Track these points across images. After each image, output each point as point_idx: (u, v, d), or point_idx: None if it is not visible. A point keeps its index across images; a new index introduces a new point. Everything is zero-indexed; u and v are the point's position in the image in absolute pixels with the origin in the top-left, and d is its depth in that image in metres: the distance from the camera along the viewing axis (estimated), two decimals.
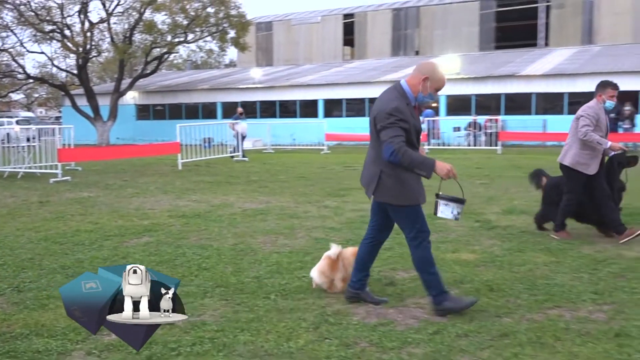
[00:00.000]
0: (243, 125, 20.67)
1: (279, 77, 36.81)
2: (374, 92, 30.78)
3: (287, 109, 33.25)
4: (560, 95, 26.94)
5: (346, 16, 44.65)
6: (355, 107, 31.63)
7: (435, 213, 4.56)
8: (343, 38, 44.76)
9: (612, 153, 6.48)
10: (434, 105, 27.13)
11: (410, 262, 5.51)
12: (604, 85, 6.44)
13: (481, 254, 5.89)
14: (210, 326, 3.99)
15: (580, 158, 6.32)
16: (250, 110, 33.25)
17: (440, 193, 4.51)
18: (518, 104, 27.87)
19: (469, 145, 25.61)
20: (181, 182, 13.01)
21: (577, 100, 26.52)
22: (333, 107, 32.14)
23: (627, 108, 21.33)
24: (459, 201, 4.53)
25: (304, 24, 46.06)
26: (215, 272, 5.35)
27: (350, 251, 4.82)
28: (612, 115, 21.01)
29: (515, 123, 26.65)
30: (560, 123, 25.64)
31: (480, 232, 7.01)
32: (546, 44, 37.97)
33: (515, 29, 39.28)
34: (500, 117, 27.01)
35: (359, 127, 29.05)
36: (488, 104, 28.35)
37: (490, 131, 25.31)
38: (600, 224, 6.69)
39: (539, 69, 28.56)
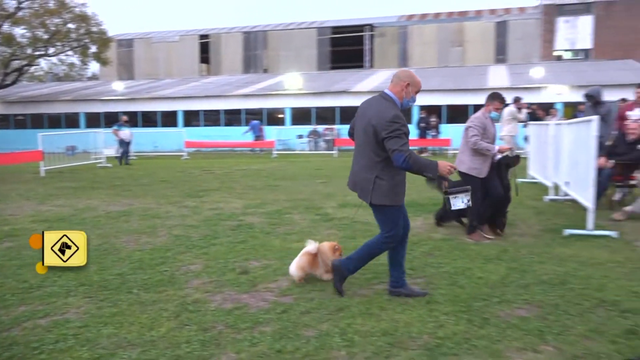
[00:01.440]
0: (127, 132, 19.47)
1: (140, 89, 35.06)
2: (228, 104, 30.54)
3: (149, 119, 31.78)
4: None
5: (202, 36, 43.81)
6: (212, 118, 31.05)
7: (450, 208, 4.60)
8: (200, 56, 43.85)
9: (499, 155, 6.32)
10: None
11: (260, 252, 5.58)
12: (492, 98, 6.25)
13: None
14: (74, 323, 3.69)
15: (472, 164, 6.09)
16: (114, 119, 31.33)
17: (447, 189, 4.58)
18: (350, 115, 28.91)
19: (310, 150, 26.27)
20: (44, 188, 11.88)
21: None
22: (192, 118, 31.29)
23: (433, 119, 23.08)
24: (465, 190, 4.60)
25: (163, 42, 44.43)
26: (79, 272, 4.92)
27: (328, 245, 4.58)
28: (422, 124, 22.69)
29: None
30: None
31: (320, 224, 7.18)
32: (371, 66, 40.09)
33: (346, 52, 41.03)
34: (336, 126, 28.04)
35: (216, 135, 28.65)
36: (326, 115, 29.27)
37: (328, 138, 26.19)
38: (491, 221, 6.46)
39: (366, 86, 30.02)
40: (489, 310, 3.83)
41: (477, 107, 28.78)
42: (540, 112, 18.07)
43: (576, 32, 36.23)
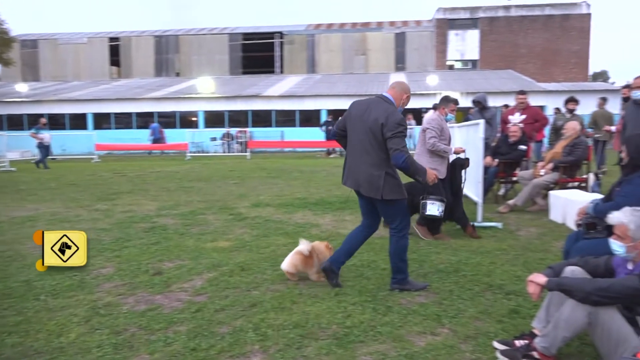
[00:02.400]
0: (46, 135, 17.96)
1: (46, 91, 32.77)
2: (140, 107, 29.36)
3: (56, 122, 29.72)
4: (293, 112, 28.69)
5: (112, 39, 41.74)
6: (123, 120, 29.70)
7: (424, 212, 4.81)
8: (110, 58, 41.73)
9: (454, 157, 6.17)
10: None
11: (174, 253, 5.40)
12: (447, 100, 6.16)
13: (234, 241, 5.95)
14: None
15: (431, 165, 5.71)
16: (18, 122, 29.11)
17: (427, 196, 4.76)
18: (262, 118, 28.97)
19: (224, 152, 25.84)
20: None
21: (306, 116, 28.58)
22: (102, 120, 29.74)
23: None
24: (441, 200, 4.76)
25: (70, 44, 41.81)
26: None
27: (324, 244, 4.52)
28: (330, 127, 23.03)
29: (260, 134, 27.66)
30: (294, 133, 27.35)
31: (234, 223, 7.07)
32: (281, 72, 40.13)
33: (257, 58, 40.80)
34: (248, 129, 27.82)
35: (128, 138, 27.39)
36: (238, 118, 28.93)
37: (241, 140, 25.92)
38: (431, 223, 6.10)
39: (276, 90, 30.02)
40: (392, 298, 3.94)
41: None
42: None
43: (465, 44, 38.44)
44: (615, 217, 2.83)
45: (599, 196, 4.77)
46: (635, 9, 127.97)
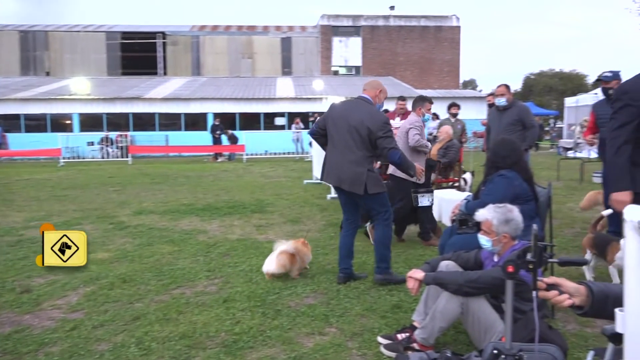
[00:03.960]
0: None
1: None
2: (4, 109, 26.70)
3: None
4: (178, 115, 27.77)
5: None
6: None
7: (416, 204, 5.15)
8: None
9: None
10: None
11: (45, 268, 4.95)
12: (423, 100, 6.13)
13: (115, 252, 5.62)
14: None
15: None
16: None
17: (417, 189, 5.11)
18: (144, 121, 27.67)
19: (102, 157, 24.27)
20: None
21: (192, 120, 27.80)
22: None
23: (230, 132, 23.30)
24: (430, 191, 5.21)
25: None
26: None
27: (301, 242, 4.66)
28: (218, 131, 22.58)
29: (143, 138, 26.38)
30: (179, 138, 26.47)
31: (114, 233, 6.67)
32: (165, 73, 38.69)
33: (138, 58, 38.92)
34: (129, 133, 26.38)
35: None
36: (118, 122, 27.39)
37: (121, 145, 24.49)
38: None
39: (160, 93, 28.86)
40: (281, 302, 3.96)
41: (267, 115, 29.61)
42: None
43: (349, 51, 39.83)
44: (480, 215, 3.08)
45: (471, 194, 5.18)
46: (498, 24, 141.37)
